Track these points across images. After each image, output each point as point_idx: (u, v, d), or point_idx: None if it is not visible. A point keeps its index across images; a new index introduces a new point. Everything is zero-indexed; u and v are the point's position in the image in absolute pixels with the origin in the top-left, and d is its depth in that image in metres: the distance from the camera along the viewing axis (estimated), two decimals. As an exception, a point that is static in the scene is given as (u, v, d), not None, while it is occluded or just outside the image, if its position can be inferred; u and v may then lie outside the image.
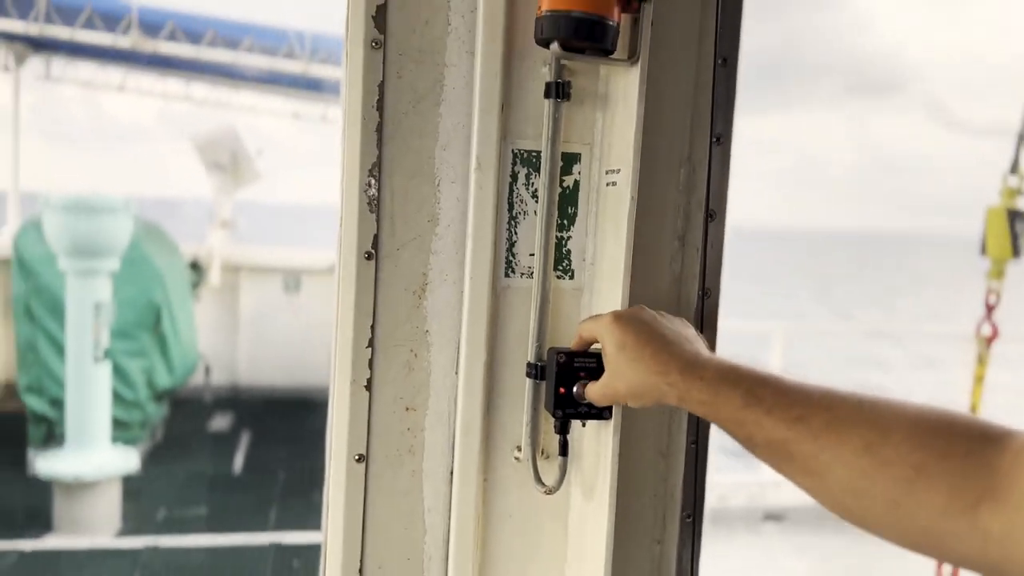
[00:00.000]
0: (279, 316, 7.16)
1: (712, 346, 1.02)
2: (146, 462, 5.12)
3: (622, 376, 0.90)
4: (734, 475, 5.09)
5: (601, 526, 1.03)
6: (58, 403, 5.05)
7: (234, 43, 5.18)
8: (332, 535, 1.10)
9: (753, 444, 0.80)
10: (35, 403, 5.11)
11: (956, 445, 0.67)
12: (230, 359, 7.09)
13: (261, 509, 4.85)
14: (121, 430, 4.98)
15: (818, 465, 0.74)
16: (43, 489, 4.56)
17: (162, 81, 6.97)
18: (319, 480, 1.18)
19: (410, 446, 1.09)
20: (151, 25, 5.00)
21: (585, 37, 0.92)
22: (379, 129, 1.03)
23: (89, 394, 4.32)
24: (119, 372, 4.91)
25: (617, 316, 0.93)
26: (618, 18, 0.95)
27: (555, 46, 0.95)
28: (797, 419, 0.75)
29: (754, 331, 6.56)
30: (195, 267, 6.71)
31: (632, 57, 0.98)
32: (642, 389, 0.89)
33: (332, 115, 7.56)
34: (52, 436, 5.10)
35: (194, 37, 5.15)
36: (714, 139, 1.05)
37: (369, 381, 1.07)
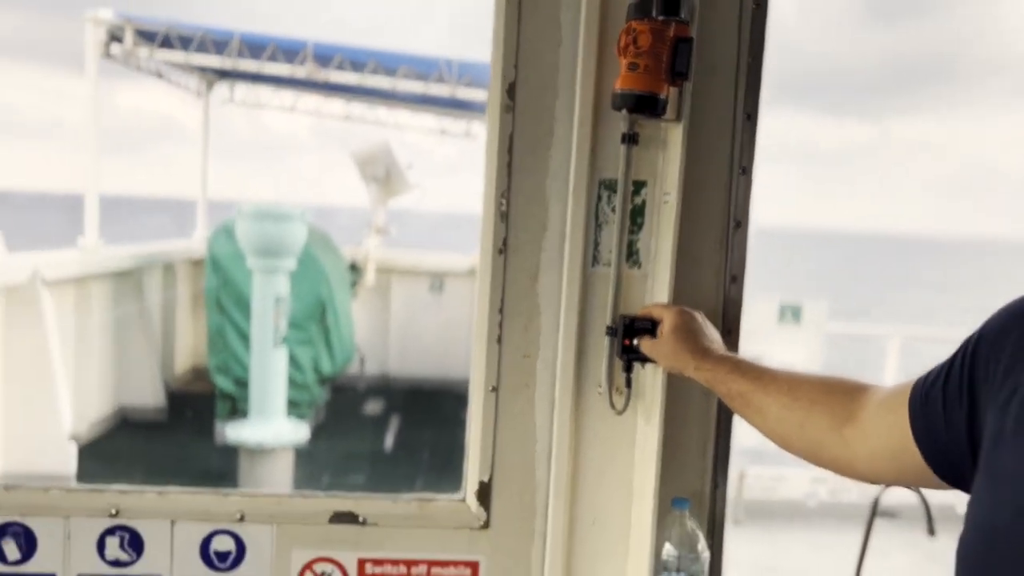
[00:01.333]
0: (425, 314, 7.89)
1: (737, 317, 1.47)
2: (312, 437, 5.90)
3: (663, 349, 1.39)
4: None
5: (654, 441, 1.49)
6: (241, 382, 5.92)
7: (392, 71, 5.90)
8: (472, 443, 1.61)
9: (730, 397, 1.27)
10: (222, 382, 6.00)
11: (839, 391, 1.10)
12: (382, 351, 7.86)
13: (409, 480, 5.50)
14: (291, 408, 5.77)
15: (763, 406, 1.19)
16: (231, 454, 5.40)
17: (326, 103, 7.86)
18: (460, 458, 1.68)
19: (526, 382, 1.59)
20: (323, 57, 5.79)
21: (643, 109, 1.39)
22: (509, 165, 1.54)
23: (270, 374, 5.10)
24: (291, 358, 5.70)
25: (679, 312, 1.39)
26: (667, 92, 1.41)
27: (625, 112, 1.42)
28: (756, 379, 1.22)
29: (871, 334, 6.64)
30: (353, 268, 7.51)
31: (678, 117, 1.43)
32: (671, 362, 1.39)
33: (475, 131, 8.23)
34: (236, 411, 5.98)
35: (358, 66, 5.90)
36: (740, 170, 1.49)
37: (499, 337, 1.57)
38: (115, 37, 5.68)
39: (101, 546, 1.56)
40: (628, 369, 1.49)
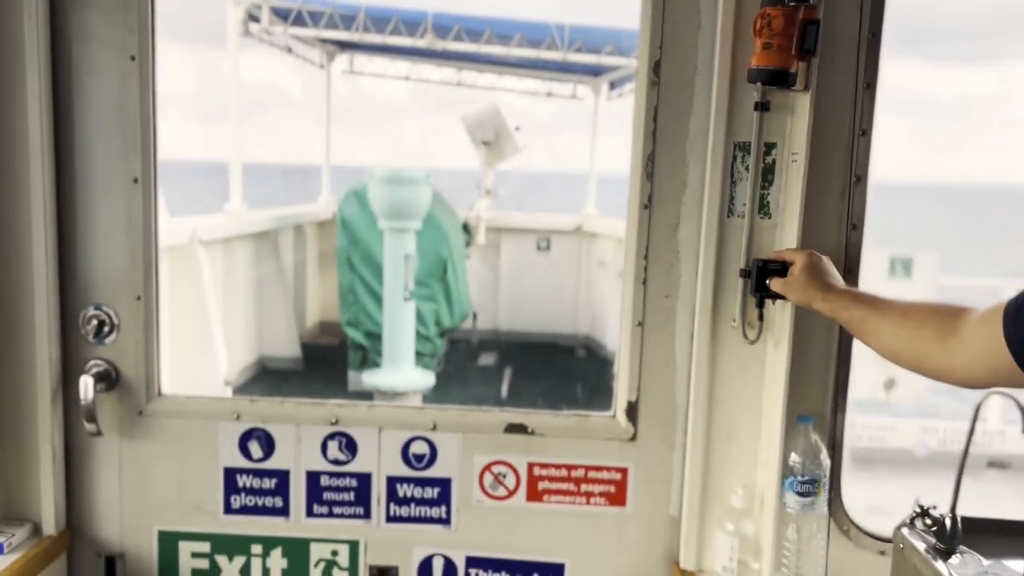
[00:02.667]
0: (533, 271, 8.22)
1: (857, 260, 1.71)
2: (436, 384, 6.34)
3: (794, 285, 1.63)
4: (959, 423, 5.35)
5: (782, 366, 1.75)
6: (371, 335, 6.41)
7: (506, 38, 6.17)
8: (621, 368, 1.91)
9: (851, 322, 1.51)
10: (354, 334, 6.51)
11: (944, 311, 1.33)
12: (492, 307, 8.25)
13: (525, 426, 5.87)
14: (417, 358, 6.22)
15: (878, 328, 1.43)
16: (363, 398, 5.90)
17: (439, 70, 8.20)
18: (570, 406, 1.97)
19: (667, 318, 1.87)
20: (442, 27, 6.12)
21: (775, 82, 1.63)
22: (654, 132, 1.81)
23: (400, 326, 5.55)
24: (416, 311, 6.13)
25: (809, 254, 1.64)
26: (796, 67, 1.64)
27: (759, 84, 1.66)
28: (872, 305, 1.45)
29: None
30: (465, 229, 7.89)
31: (806, 87, 1.67)
32: (800, 296, 1.63)
33: (580, 92, 8.42)
34: (366, 360, 6.49)
35: (474, 35, 6.20)
36: (860, 132, 1.71)
37: (644, 280, 1.86)
38: (252, 16, 6.16)
39: (324, 448, 1.94)
40: (760, 305, 1.76)
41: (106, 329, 1.89)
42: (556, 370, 7.43)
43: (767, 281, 1.71)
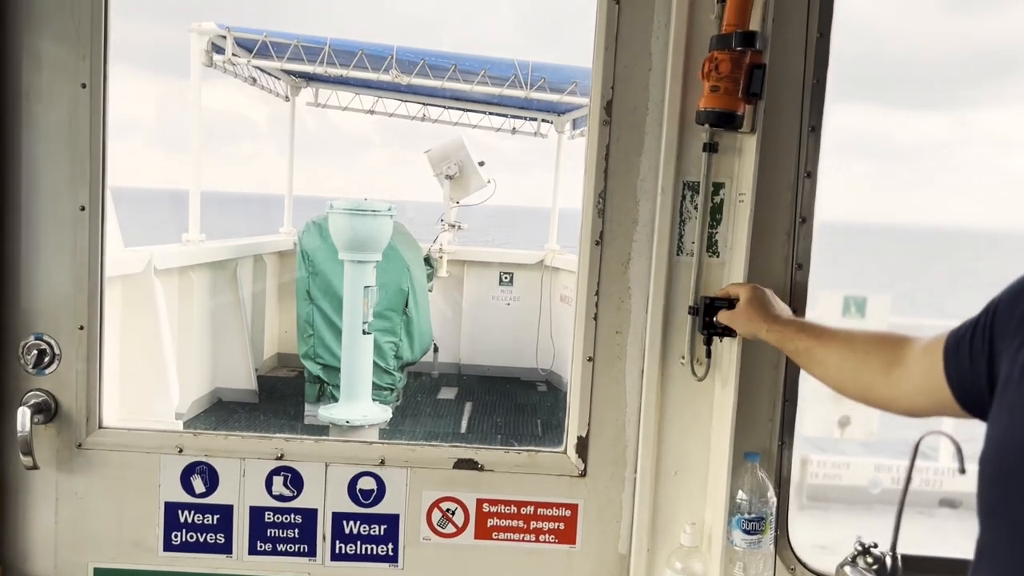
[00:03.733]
0: (496, 306, 8.22)
1: (803, 299, 1.74)
2: (393, 418, 6.27)
3: (740, 317, 1.66)
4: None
5: (729, 404, 1.77)
6: (328, 368, 6.33)
7: (470, 75, 6.23)
8: (572, 404, 1.91)
9: (796, 353, 1.53)
10: (311, 367, 6.42)
11: (887, 342, 1.35)
12: (454, 341, 8.22)
13: (484, 461, 5.82)
14: (374, 392, 6.16)
15: (824, 359, 1.45)
16: (319, 432, 5.81)
17: (404, 105, 8.24)
18: (528, 441, 1.98)
19: (618, 354, 1.88)
20: (407, 63, 6.16)
21: (722, 124, 1.66)
22: (605, 170, 1.83)
23: (358, 358, 5.49)
24: (375, 345, 6.08)
25: (753, 287, 1.66)
26: (743, 109, 1.68)
27: (707, 126, 1.70)
28: (817, 336, 1.48)
29: None
30: (428, 262, 7.88)
31: (752, 129, 1.71)
32: (746, 327, 1.65)
33: (544, 129, 8.52)
34: (323, 394, 6.40)
35: (438, 71, 6.25)
36: (805, 174, 1.75)
37: (596, 315, 1.87)
38: (216, 47, 6.14)
39: (269, 483, 1.91)
40: (708, 342, 1.77)
41: (47, 359, 1.85)
42: (516, 405, 7.40)
43: (715, 319, 1.73)
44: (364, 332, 5.48)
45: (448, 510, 1.92)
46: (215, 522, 1.90)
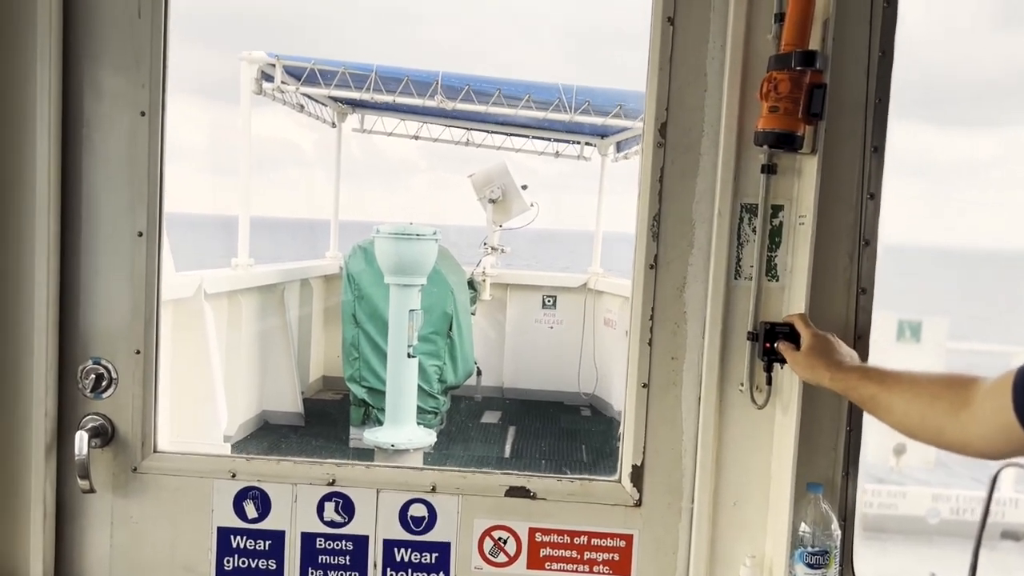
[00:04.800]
0: (538, 329, 8.19)
1: (867, 325, 1.68)
2: (437, 443, 6.25)
3: (801, 365, 1.61)
4: (972, 491, 5.23)
5: (791, 432, 1.71)
6: (373, 391, 6.35)
7: (515, 100, 6.26)
8: (626, 432, 1.86)
9: (862, 401, 1.48)
10: (356, 390, 6.45)
11: (953, 384, 1.30)
12: (497, 365, 8.20)
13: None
14: (419, 415, 6.15)
15: (891, 405, 1.40)
16: (364, 455, 5.81)
17: (448, 130, 8.31)
18: (574, 468, 1.94)
19: (673, 380, 1.84)
20: (452, 88, 6.21)
21: (782, 145, 1.62)
22: (660, 193, 1.80)
23: (403, 382, 5.49)
24: (420, 368, 6.08)
25: (814, 334, 1.61)
26: (803, 130, 1.64)
27: (765, 146, 1.66)
28: (881, 382, 1.42)
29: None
30: (471, 285, 7.88)
31: (813, 150, 1.66)
32: (808, 375, 1.60)
33: (587, 153, 8.51)
34: (368, 417, 6.41)
35: (483, 96, 6.30)
36: (868, 195, 1.70)
37: (650, 340, 1.83)
38: (266, 75, 6.26)
39: (320, 509, 1.90)
40: (769, 368, 1.72)
41: (104, 383, 1.86)
42: (560, 429, 7.33)
43: (776, 344, 1.68)
44: (409, 355, 5.48)
45: (500, 539, 1.89)
46: (267, 548, 1.89)
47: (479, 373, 7.95)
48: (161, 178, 1.85)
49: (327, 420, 7.07)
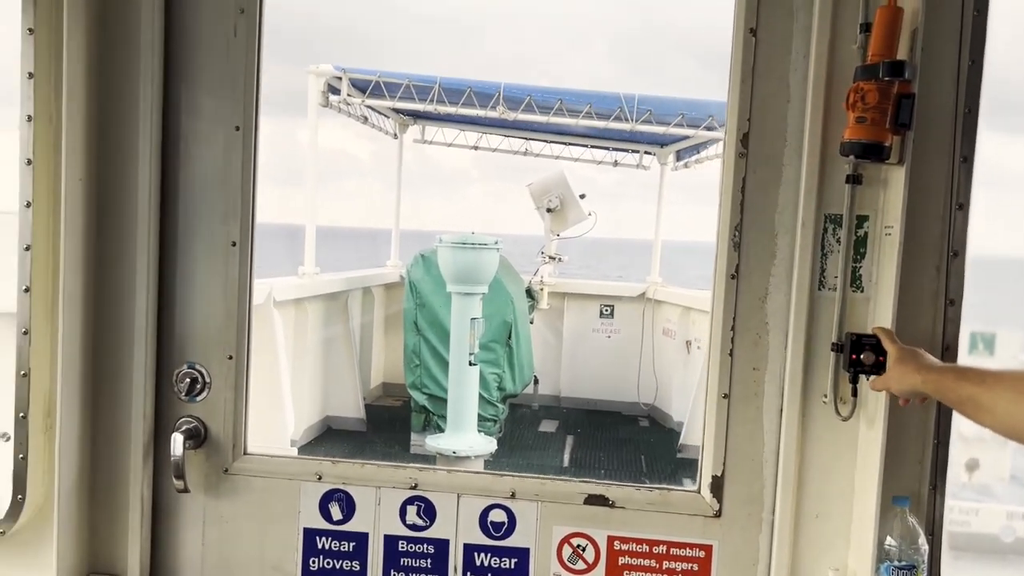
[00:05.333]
0: (596, 338, 8.18)
1: (955, 336, 1.66)
2: (497, 450, 6.29)
3: (893, 376, 1.58)
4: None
5: (877, 445, 1.70)
6: (434, 398, 6.43)
7: (576, 110, 6.29)
8: (707, 442, 1.87)
9: (960, 403, 1.44)
10: (418, 397, 6.53)
11: None
12: (554, 373, 8.21)
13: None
14: (479, 423, 6.20)
15: (992, 405, 1.37)
16: (426, 461, 5.88)
17: (507, 140, 8.38)
18: (634, 477, 1.95)
19: (755, 391, 1.84)
20: (513, 99, 6.28)
21: (869, 155, 1.62)
22: (741, 203, 1.81)
23: (465, 389, 5.55)
24: (480, 376, 6.13)
25: (900, 348, 1.59)
26: (891, 140, 1.63)
27: (851, 157, 1.66)
28: (980, 382, 1.39)
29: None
30: (529, 294, 7.92)
31: (900, 161, 1.65)
32: (900, 385, 1.57)
33: (646, 162, 8.49)
34: (428, 423, 6.49)
35: (544, 107, 6.34)
36: (956, 206, 1.68)
37: (731, 351, 1.83)
38: (332, 88, 6.41)
39: (403, 512, 1.94)
40: (854, 380, 1.71)
41: (198, 387, 1.94)
42: (619, 439, 7.31)
43: (861, 356, 1.67)
44: (471, 363, 5.53)
45: (579, 546, 1.90)
46: (351, 549, 1.94)
47: (536, 382, 7.97)
48: (254, 190, 1.93)
49: (387, 426, 7.18)
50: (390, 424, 7.23)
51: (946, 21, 1.66)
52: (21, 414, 1.76)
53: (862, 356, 1.67)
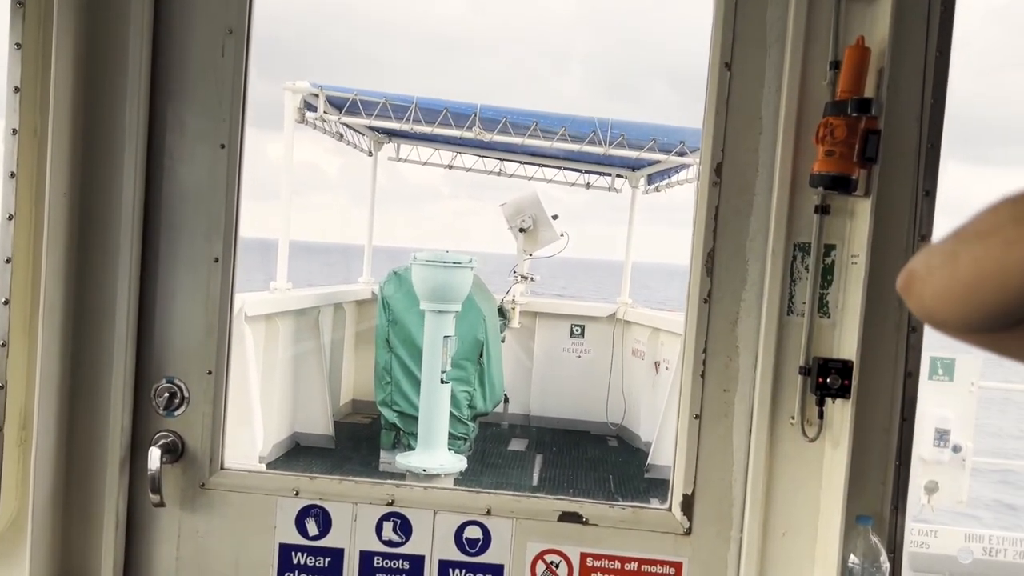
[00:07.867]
0: (566, 357, 8.23)
1: (917, 361, 1.73)
2: (466, 469, 6.29)
3: None
4: (1006, 532, 5.18)
5: (842, 466, 1.76)
6: (404, 415, 6.42)
7: (551, 132, 6.38)
8: (678, 461, 1.92)
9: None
10: (388, 414, 6.52)
11: None
12: (525, 393, 8.24)
13: (557, 515, 5.79)
14: (449, 441, 6.20)
15: None
16: (397, 479, 5.86)
17: (481, 160, 8.45)
18: (603, 497, 2.00)
19: (725, 412, 1.89)
20: (489, 120, 6.35)
21: (837, 187, 1.69)
22: (714, 230, 1.87)
23: (436, 408, 5.56)
24: (451, 394, 6.14)
25: None
26: (858, 173, 1.71)
27: (820, 188, 1.73)
28: None
29: None
30: (501, 312, 7.96)
31: (867, 194, 1.73)
32: None
33: (618, 184, 8.60)
34: (398, 441, 6.48)
35: (520, 128, 6.42)
36: (920, 237, 1.76)
37: (703, 373, 1.89)
38: (308, 105, 6.43)
39: (379, 528, 1.96)
40: (821, 403, 1.78)
41: (177, 401, 1.95)
42: (588, 459, 7.35)
43: (828, 379, 1.73)
44: (442, 381, 5.55)
45: (552, 563, 1.94)
46: (327, 565, 1.96)
47: (507, 400, 8.00)
48: (237, 208, 1.95)
49: (356, 443, 7.14)
50: (359, 442, 7.20)
51: (911, 62, 1.75)
52: None
53: (828, 379, 1.74)
